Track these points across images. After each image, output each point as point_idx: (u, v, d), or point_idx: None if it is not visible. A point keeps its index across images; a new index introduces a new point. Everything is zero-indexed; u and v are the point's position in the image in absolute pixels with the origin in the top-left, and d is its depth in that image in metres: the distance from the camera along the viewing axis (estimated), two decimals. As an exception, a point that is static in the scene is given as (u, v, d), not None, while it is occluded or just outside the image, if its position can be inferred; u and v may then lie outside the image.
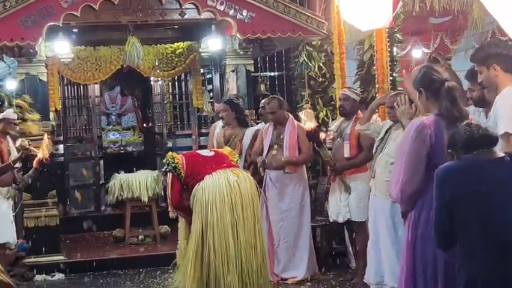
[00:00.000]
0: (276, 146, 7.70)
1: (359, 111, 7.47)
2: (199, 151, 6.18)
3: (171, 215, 6.14)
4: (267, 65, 12.04)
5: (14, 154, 8.17)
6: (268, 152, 7.71)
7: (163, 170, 6.00)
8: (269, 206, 7.63)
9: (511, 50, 4.76)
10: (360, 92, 8.57)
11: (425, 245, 4.19)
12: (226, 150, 6.27)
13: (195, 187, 5.63)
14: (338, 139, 7.46)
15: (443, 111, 4.33)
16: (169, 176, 5.79)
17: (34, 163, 7.82)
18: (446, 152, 4.04)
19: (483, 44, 5.40)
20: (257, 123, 8.57)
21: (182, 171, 5.69)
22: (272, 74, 12.21)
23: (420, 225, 4.24)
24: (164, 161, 5.98)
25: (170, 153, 6.04)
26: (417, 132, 4.27)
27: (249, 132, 8.00)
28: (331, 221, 7.65)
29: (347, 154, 7.30)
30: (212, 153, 5.94)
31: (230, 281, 5.46)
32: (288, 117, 7.83)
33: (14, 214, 8.27)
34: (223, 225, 5.48)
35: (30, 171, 7.94)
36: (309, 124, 7.37)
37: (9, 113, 8.21)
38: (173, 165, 5.72)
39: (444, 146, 4.10)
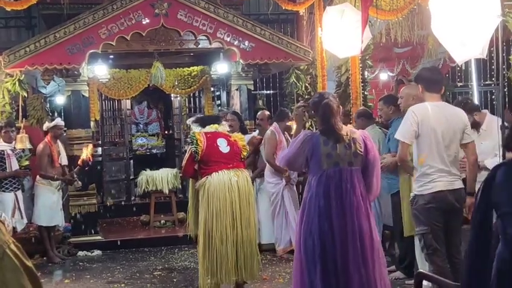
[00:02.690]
0: None
1: None
2: (219, 142, 5.73)
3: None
4: (264, 84, 12.09)
5: (63, 154, 8.21)
6: None
7: (188, 140, 5.89)
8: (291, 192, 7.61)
9: (433, 74, 4.85)
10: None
11: (306, 237, 4.18)
12: (242, 141, 6.02)
13: (204, 179, 5.63)
14: None
15: (319, 129, 4.27)
16: (188, 151, 5.73)
17: (79, 162, 7.86)
18: (323, 160, 4.16)
19: (421, 68, 5.57)
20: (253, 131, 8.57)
21: (198, 155, 5.62)
22: (268, 92, 12.24)
23: (304, 222, 4.22)
24: (189, 136, 5.86)
25: (196, 133, 5.78)
26: (301, 142, 4.27)
27: (246, 138, 7.99)
28: None
29: None
30: (228, 150, 5.72)
31: (226, 256, 5.55)
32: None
33: (62, 202, 8.32)
34: (223, 215, 5.54)
35: (76, 169, 7.98)
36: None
37: (58, 121, 8.25)
38: (194, 149, 5.64)
39: (321, 156, 4.17)
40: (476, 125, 5.47)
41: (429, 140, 4.66)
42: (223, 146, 5.73)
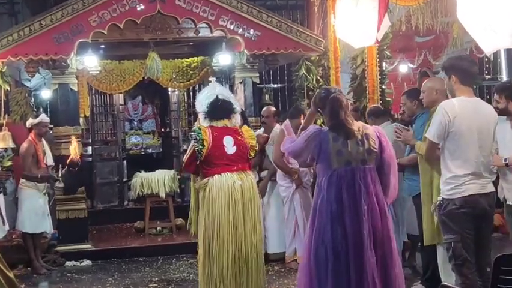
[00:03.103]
0: None
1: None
2: (226, 141, 5.66)
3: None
4: (271, 77, 12.07)
5: (49, 154, 8.21)
6: None
7: (192, 134, 5.73)
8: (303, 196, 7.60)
9: (471, 66, 4.79)
10: (354, 102, 8.58)
11: (317, 246, 4.19)
12: (252, 139, 5.93)
13: (205, 180, 5.62)
14: None
15: (327, 125, 4.27)
16: (191, 148, 5.67)
17: (67, 161, 7.85)
18: (332, 158, 4.17)
19: (453, 56, 5.48)
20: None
21: (201, 156, 5.56)
22: (275, 85, 12.23)
23: (316, 230, 4.23)
24: (194, 130, 5.72)
25: (202, 129, 5.65)
26: (307, 136, 4.28)
27: None
28: None
29: None
30: (234, 150, 5.67)
31: (227, 267, 5.53)
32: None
33: (48, 207, 8.30)
34: (225, 222, 5.52)
35: (63, 169, 7.96)
36: None
37: (43, 117, 8.26)
38: (198, 148, 5.57)
39: (330, 154, 4.19)
40: (506, 113, 5.33)
41: (463, 140, 4.63)
42: (229, 146, 5.68)
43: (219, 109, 5.78)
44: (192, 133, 5.74)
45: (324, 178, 4.25)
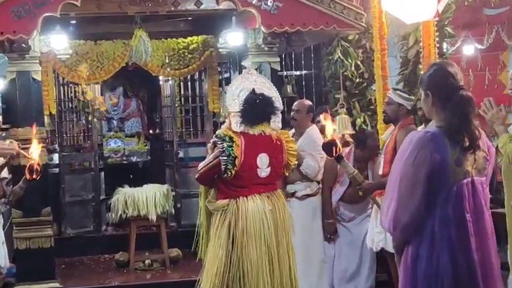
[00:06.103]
0: None
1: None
2: (260, 160, 5.72)
3: None
4: (293, 62, 12.01)
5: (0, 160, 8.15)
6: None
7: (218, 143, 5.70)
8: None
9: None
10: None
11: (429, 285, 4.05)
12: (292, 151, 5.99)
13: (224, 202, 5.69)
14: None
15: (448, 126, 4.10)
16: (215, 158, 5.68)
17: (26, 171, 7.75)
18: (451, 168, 4.01)
19: None
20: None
21: (230, 174, 5.60)
22: (298, 73, 12.16)
23: (422, 262, 4.09)
24: (223, 138, 5.68)
25: (235, 138, 5.68)
26: (417, 149, 4.04)
27: None
28: (367, 247, 7.53)
29: (380, 171, 7.10)
30: (267, 173, 5.74)
31: None
32: None
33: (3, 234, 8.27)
34: (256, 260, 5.60)
35: (21, 181, 7.81)
36: (330, 132, 6.42)
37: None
38: (227, 167, 5.60)
39: (449, 163, 4.02)
40: None
41: None
42: (263, 167, 5.75)
43: (257, 110, 5.75)
44: (218, 140, 5.69)
45: (438, 196, 4.11)
